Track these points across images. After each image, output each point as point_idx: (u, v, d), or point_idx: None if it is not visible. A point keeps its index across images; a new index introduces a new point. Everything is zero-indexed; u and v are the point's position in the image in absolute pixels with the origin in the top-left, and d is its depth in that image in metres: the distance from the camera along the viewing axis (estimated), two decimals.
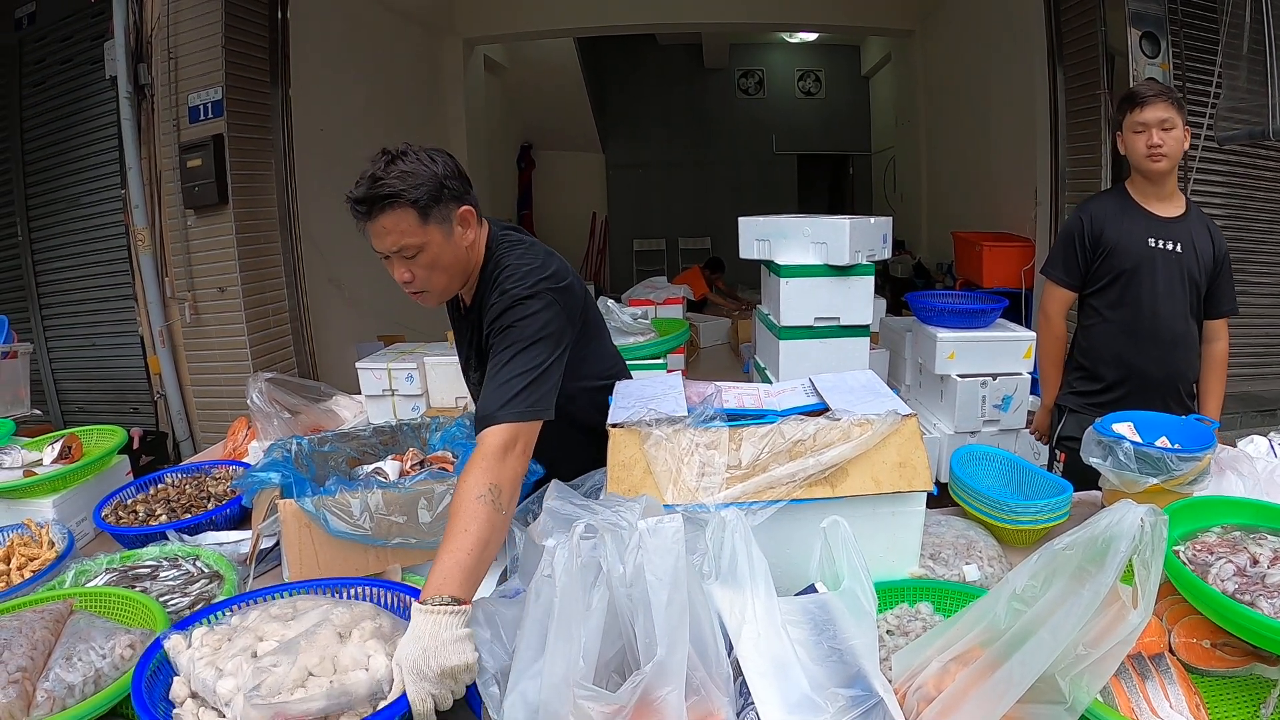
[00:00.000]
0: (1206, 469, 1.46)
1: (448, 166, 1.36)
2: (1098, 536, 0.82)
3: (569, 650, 0.83)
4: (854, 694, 0.85)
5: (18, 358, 2.25)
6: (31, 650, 0.99)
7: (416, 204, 1.31)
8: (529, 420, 1.26)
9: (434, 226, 1.34)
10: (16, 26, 4.25)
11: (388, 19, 5.51)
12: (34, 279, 4.40)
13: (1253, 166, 3.94)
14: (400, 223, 1.31)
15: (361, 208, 1.31)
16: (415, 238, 1.33)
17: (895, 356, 3.33)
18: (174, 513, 1.63)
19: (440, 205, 1.34)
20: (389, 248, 1.34)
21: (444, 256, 1.38)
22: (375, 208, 1.30)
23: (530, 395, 1.27)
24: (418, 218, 1.32)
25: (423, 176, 1.31)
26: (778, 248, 2.67)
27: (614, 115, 10.25)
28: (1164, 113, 1.95)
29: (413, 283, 1.39)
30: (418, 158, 1.33)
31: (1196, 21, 3.68)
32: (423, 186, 1.31)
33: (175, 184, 3.77)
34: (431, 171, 1.32)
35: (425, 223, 1.33)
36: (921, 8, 6.92)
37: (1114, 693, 0.91)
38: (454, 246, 1.39)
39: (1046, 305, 2.23)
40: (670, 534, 0.87)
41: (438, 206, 1.34)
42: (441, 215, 1.35)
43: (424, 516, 1.36)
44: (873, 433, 1.21)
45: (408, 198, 1.29)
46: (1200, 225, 2.06)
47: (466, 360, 1.64)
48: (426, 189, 1.31)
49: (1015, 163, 4.92)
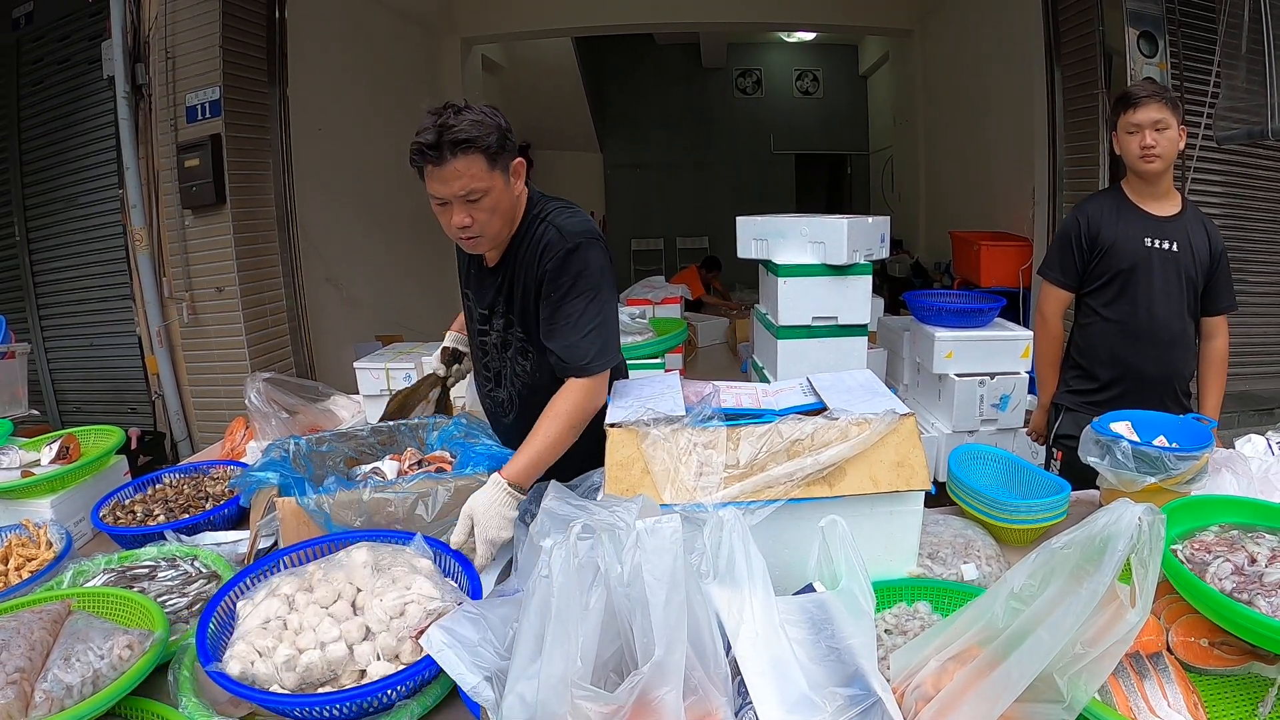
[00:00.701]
0: (1204, 468, 1.46)
1: (506, 120, 1.45)
2: (1095, 535, 0.82)
3: (567, 650, 0.83)
4: (852, 693, 0.85)
5: (15, 358, 2.25)
6: (30, 651, 0.98)
7: (487, 150, 1.39)
8: (611, 367, 1.52)
9: (498, 173, 1.44)
10: (14, 26, 4.24)
11: (386, 18, 5.51)
12: (32, 279, 4.39)
13: (1251, 166, 3.95)
14: (471, 167, 1.39)
15: (434, 152, 1.37)
16: (483, 182, 1.41)
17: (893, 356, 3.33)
18: (172, 513, 1.63)
19: (504, 154, 1.44)
20: (457, 191, 1.40)
21: (503, 202, 1.47)
22: (449, 152, 1.37)
23: (609, 345, 1.51)
24: (487, 163, 1.40)
25: (490, 125, 1.40)
26: (776, 247, 2.67)
27: (612, 115, 10.25)
28: (1158, 113, 1.95)
29: (471, 227, 1.45)
30: (481, 110, 1.42)
31: (1195, 21, 3.69)
32: (492, 135, 1.40)
33: (173, 184, 3.77)
34: (496, 122, 1.42)
35: (492, 168, 1.42)
36: (920, 7, 6.92)
37: (1112, 692, 0.92)
38: (509, 195, 1.48)
39: (1043, 305, 2.24)
40: (668, 534, 0.87)
41: (503, 155, 1.43)
42: (504, 163, 1.45)
43: (423, 516, 1.36)
44: (870, 432, 1.21)
45: (480, 144, 1.38)
46: (1197, 223, 2.06)
47: (488, 314, 1.66)
48: (496, 137, 1.41)
49: (1013, 162, 4.93)
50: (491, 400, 1.76)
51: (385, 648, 1.05)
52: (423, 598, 1.09)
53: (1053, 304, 2.21)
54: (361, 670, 1.04)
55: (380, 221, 5.42)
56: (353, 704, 0.99)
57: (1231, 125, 3.34)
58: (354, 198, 5.07)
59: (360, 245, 5.11)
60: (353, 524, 1.35)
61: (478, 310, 1.68)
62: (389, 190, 5.58)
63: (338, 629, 1.05)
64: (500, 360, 1.69)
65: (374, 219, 5.35)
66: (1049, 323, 2.23)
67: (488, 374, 1.74)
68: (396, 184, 5.71)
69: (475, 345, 1.76)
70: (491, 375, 1.73)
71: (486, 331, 1.68)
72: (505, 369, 1.69)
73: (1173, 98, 1.99)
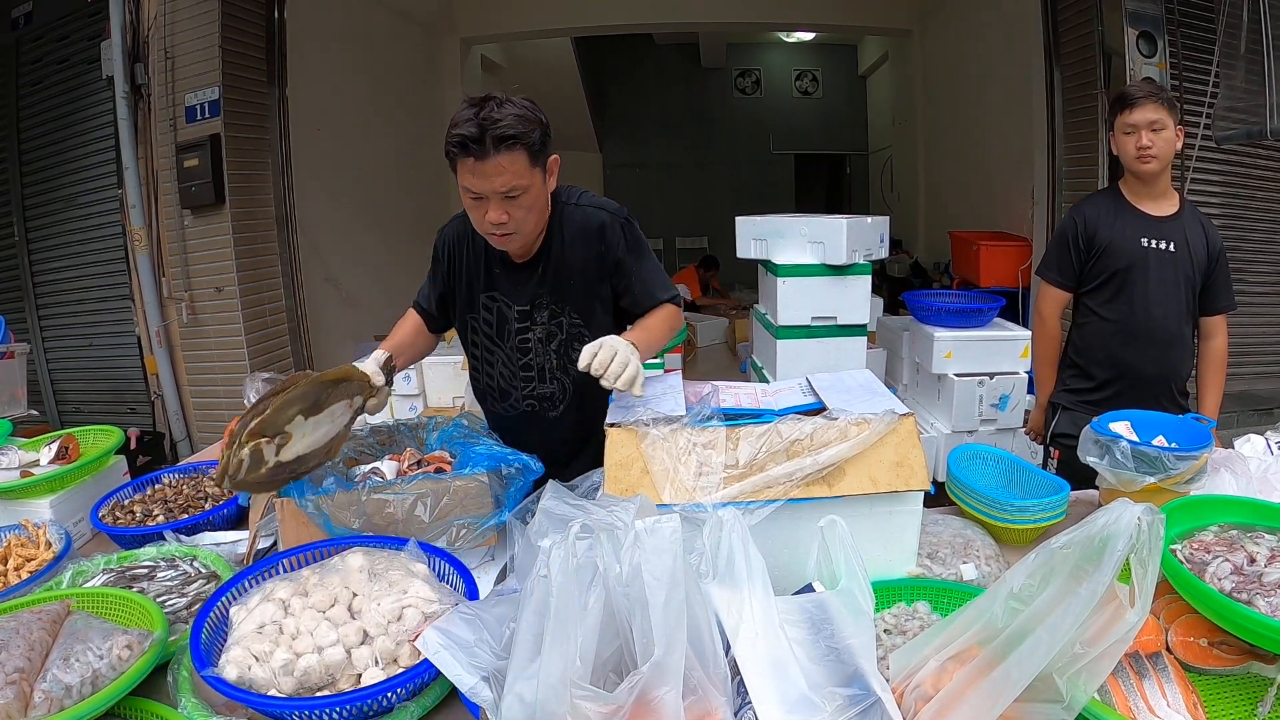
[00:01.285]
0: (1204, 468, 1.46)
1: (546, 116, 1.43)
2: (1095, 535, 0.82)
3: (566, 650, 0.82)
4: (851, 693, 0.85)
5: (14, 358, 2.25)
6: (29, 651, 0.98)
7: (531, 147, 1.37)
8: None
9: (538, 170, 1.42)
10: (13, 26, 4.24)
11: (385, 18, 5.51)
12: (31, 279, 4.39)
13: (1250, 166, 3.95)
14: (515, 163, 1.36)
15: (477, 146, 1.33)
16: (525, 179, 1.39)
17: (892, 356, 3.33)
18: (171, 513, 1.63)
19: (545, 151, 1.42)
20: (498, 188, 1.37)
21: (539, 200, 1.46)
22: (493, 147, 1.34)
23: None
24: (529, 160, 1.39)
25: (534, 121, 1.38)
26: (775, 247, 2.67)
27: (611, 115, 10.25)
28: (1154, 114, 1.95)
29: (507, 224, 1.42)
30: (522, 104, 1.38)
31: (1194, 21, 3.69)
32: (536, 131, 1.38)
33: (172, 184, 3.77)
34: (538, 117, 1.39)
35: (534, 166, 1.40)
36: (919, 7, 6.92)
37: (1111, 691, 0.92)
38: (545, 192, 1.48)
39: (1041, 305, 2.24)
40: (668, 533, 0.87)
41: (544, 152, 1.42)
42: (544, 161, 1.43)
43: (422, 517, 1.36)
44: (870, 432, 1.21)
45: (525, 140, 1.36)
46: (1194, 223, 2.06)
47: (528, 309, 1.63)
48: (539, 133, 1.39)
49: (1012, 162, 4.93)
50: (534, 398, 1.71)
51: (383, 652, 1.05)
52: (420, 601, 1.09)
53: (1050, 304, 2.21)
54: (358, 675, 1.04)
55: (380, 221, 5.42)
56: (352, 707, 0.99)
57: (1230, 125, 3.35)
58: (354, 198, 5.07)
59: (360, 245, 5.11)
60: (352, 525, 1.35)
61: (515, 309, 1.64)
62: (389, 190, 5.58)
63: (335, 633, 1.05)
64: (544, 354, 1.66)
65: (374, 219, 5.35)
66: (1046, 322, 2.23)
67: (528, 373, 1.68)
68: (396, 184, 5.71)
69: (510, 346, 1.68)
70: (534, 372, 1.68)
71: (528, 329, 1.64)
72: (550, 361, 1.66)
73: (1169, 98, 1.99)
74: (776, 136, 10.44)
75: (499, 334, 1.68)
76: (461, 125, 1.34)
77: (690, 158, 10.41)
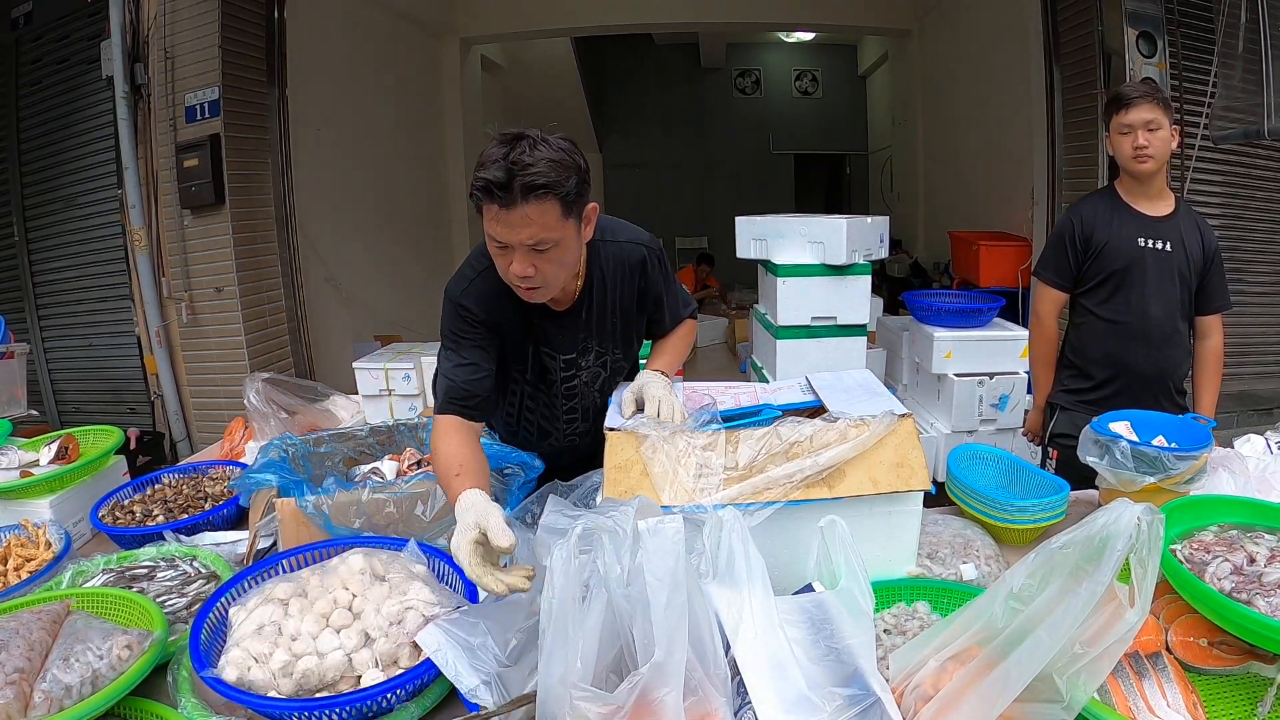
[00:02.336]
0: (1203, 468, 1.46)
1: (585, 160, 1.27)
2: (1095, 535, 0.82)
3: (566, 651, 0.83)
4: (851, 693, 0.85)
5: (14, 358, 2.25)
6: (29, 651, 0.98)
7: (564, 197, 1.21)
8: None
9: (571, 222, 1.26)
10: (13, 26, 4.23)
11: (385, 19, 5.51)
12: (30, 279, 4.39)
13: (1249, 166, 3.95)
14: (545, 215, 1.20)
15: (503, 193, 1.17)
16: (555, 232, 1.23)
17: (892, 356, 3.33)
18: (171, 513, 1.63)
19: (581, 200, 1.26)
20: (525, 239, 1.22)
21: (571, 253, 1.30)
22: (521, 196, 1.18)
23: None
24: (561, 211, 1.22)
25: (570, 167, 1.21)
26: (775, 247, 2.67)
27: (611, 115, 10.25)
28: (1149, 114, 1.95)
29: (533, 278, 1.27)
30: (559, 146, 1.22)
31: (1193, 21, 3.69)
32: (571, 178, 1.21)
33: (172, 184, 3.76)
34: (575, 162, 1.23)
35: (566, 217, 1.24)
36: (919, 7, 6.92)
37: (1111, 691, 0.92)
38: (579, 244, 1.32)
39: (1038, 306, 2.24)
40: (670, 535, 0.87)
41: (579, 202, 1.26)
42: (579, 210, 1.27)
43: (421, 517, 1.36)
44: (870, 433, 1.21)
45: (558, 190, 1.19)
46: (1190, 223, 2.06)
47: (574, 357, 1.53)
48: (575, 181, 1.22)
49: (1012, 162, 4.93)
50: (576, 435, 1.65)
51: (384, 654, 1.04)
52: (421, 604, 1.08)
53: (1048, 304, 2.21)
54: (357, 676, 1.04)
55: (380, 221, 5.43)
56: (351, 708, 0.99)
57: (1227, 125, 3.35)
58: (353, 198, 5.07)
59: (359, 245, 5.11)
60: (352, 525, 1.35)
61: (560, 359, 1.52)
62: (388, 190, 5.58)
63: (336, 639, 1.05)
64: (589, 396, 1.60)
65: (373, 219, 5.35)
66: (1044, 323, 2.23)
67: (572, 415, 1.62)
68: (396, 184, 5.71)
69: (555, 394, 1.58)
70: (579, 414, 1.63)
71: (574, 375, 1.56)
72: (594, 402, 1.61)
73: (1164, 98, 1.98)
74: (776, 136, 10.44)
75: (540, 382, 1.57)
76: (489, 167, 1.17)
77: (690, 158, 10.40)
